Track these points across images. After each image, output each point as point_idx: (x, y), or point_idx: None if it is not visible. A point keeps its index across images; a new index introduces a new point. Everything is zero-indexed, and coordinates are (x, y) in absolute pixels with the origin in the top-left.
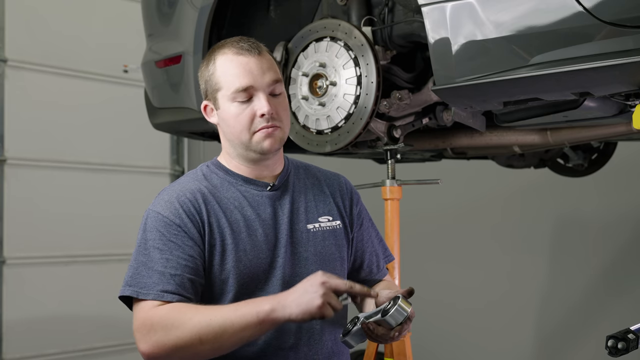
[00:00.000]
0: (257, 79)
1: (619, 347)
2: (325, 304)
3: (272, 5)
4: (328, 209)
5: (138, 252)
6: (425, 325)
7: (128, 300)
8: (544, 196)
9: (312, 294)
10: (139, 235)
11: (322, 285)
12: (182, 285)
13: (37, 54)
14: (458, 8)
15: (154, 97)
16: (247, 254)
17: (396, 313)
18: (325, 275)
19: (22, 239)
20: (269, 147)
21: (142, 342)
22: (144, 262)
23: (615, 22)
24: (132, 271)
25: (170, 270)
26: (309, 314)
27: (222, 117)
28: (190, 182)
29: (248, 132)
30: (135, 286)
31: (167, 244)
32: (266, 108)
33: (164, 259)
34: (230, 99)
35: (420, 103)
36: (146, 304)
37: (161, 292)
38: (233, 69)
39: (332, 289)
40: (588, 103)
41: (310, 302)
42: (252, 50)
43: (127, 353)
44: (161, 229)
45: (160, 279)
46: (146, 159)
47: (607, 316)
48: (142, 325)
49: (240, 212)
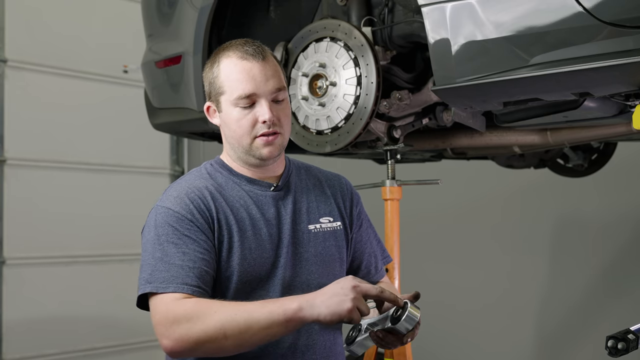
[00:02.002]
0: (260, 85)
1: (619, 347)
2: (355, 308)
3: (272, 6)
4: (329, 209)
5: (153, 249)
6: (425, 326)
7: (143, 303)
8: (544, 196)
9: (342, 296)
10: (150, 233)
11: (354, 289)
12: (201, 278)
13: (37, 54)
14: (458, 8)
15: (154, 97)
16: (252, 252)
17: (407, 320)
18: (356, 279)
19: (22, 239)
20: (268, 155)
21: (165, 337)
22: (160, 257)
23: (615, 22)
24: (150, 269)
25: (189, 263)
26: (338, 316)
27: (224, 120)
28: (197, 180)
29: (249, 136)
30: (154, 282)
31: (182, 238)
32: (268, 115)
33: (181, 252)
34: (233, 104)
35: (420, 103)
36: (167, 296)
37: (182, 285)
38: (236, 74)
39: (363, 293)
40: (588, 103)
41: (340, 304)
42: (256, 55)
43: (127, 353)
44: (174, 224)
45: (179, 272)
46: (146, 159)
47: (607, 316)
48: (164, 319)
49: (246, 211)
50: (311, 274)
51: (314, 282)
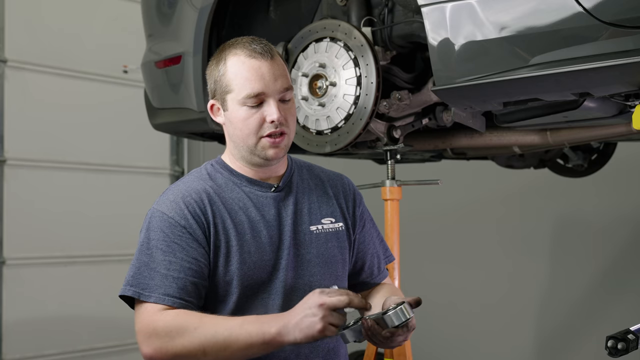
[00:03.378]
0: (269, 85)
1: (619, 347)
2: (326, 326)
3: (272, 6)
4: (331, 210)
5: (140, 252)
6: (425, 326)
7: (128, 299)
8: (544, 196)
9: (311, 317)
10: (142, 234)
11: (320, 307)
12: (185, 289)
13: (37, 54)
14: (458, 8)
15: (154, 97)
16: (251, 256)
17: (396, 314)
18: (322, 294)
19: (22, 240)
20: (273, 156)
21: (145, 345)
22: (146, 262)
23: (615, 22)
24: (134, 270)
25: (173, 273)
26: (312, 338)
27: (229, 119)
28: (195, 182)
29: (255, 136)
30: (136, 287)
31: (171, 246)
32: (276, 115)
33: (167, 261)
34: (240, 103)
35: (420, 103)
36: (149, 306)
37: (163, 296)
38: (245, 72)
39: (331, 308)
40: (588, 103)
41: (311, 327)
42: (265, 54)
43: (127, 354)
44: (165, 230)
45: (162, 282)
46: (146, 159)
47: (607, 316)
48: (145, 328)
49: (244, 213)
50: (313, 276)
51: (316, 284)
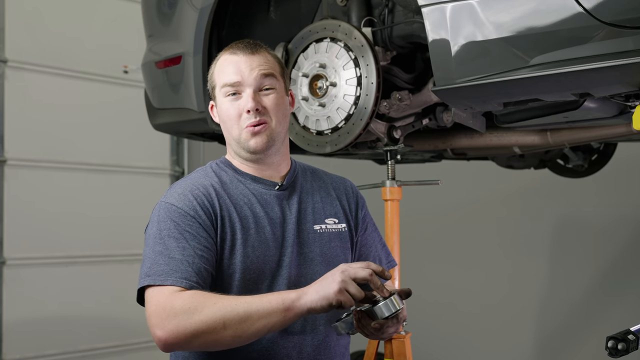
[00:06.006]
0: (245, 74)
1: (619, 348)
2: (343, 290)
3: (272, 6)
4: (334, 211)
5: (154, 243)
6: (425, 326)
7: (143, 298)
8: (544, 197)
9: (331, 282)
10: (152, 227)
11: (342, 272)
12: (200, 274)
13: (37, 54)
14: (458, 9)
15: (154, 97)
16: (255, 250)
17: (386, 305)
18: (346, 264)
19: (22, 240)
20: (255, 146)
21: (159, 328)
22: (160, 251)
23: (615, 23)
24: (150, 262)
25: (188, 258)
26: (327, 300)
27: (219, 114)
28: (202, 178)
29: (237, 127)
30: (153, 275)
31: (183, 234)
32: (250, 104)
33: (181, 247)
34: (222, 94)
35: (420, 104)
36: (164, 289)
37: (180, 279)
38: (225, 66)
39: (352, 276)
40: (588, 104)
41: (327, 286)
42: (245, 49)
43: (127, 354)
44: (176, 219)
45: (178, 266)
46: (146, 159)
47: (607, 317)
48: (160, 309)
49: (250, 209)
50: (316, 274)
51: None
